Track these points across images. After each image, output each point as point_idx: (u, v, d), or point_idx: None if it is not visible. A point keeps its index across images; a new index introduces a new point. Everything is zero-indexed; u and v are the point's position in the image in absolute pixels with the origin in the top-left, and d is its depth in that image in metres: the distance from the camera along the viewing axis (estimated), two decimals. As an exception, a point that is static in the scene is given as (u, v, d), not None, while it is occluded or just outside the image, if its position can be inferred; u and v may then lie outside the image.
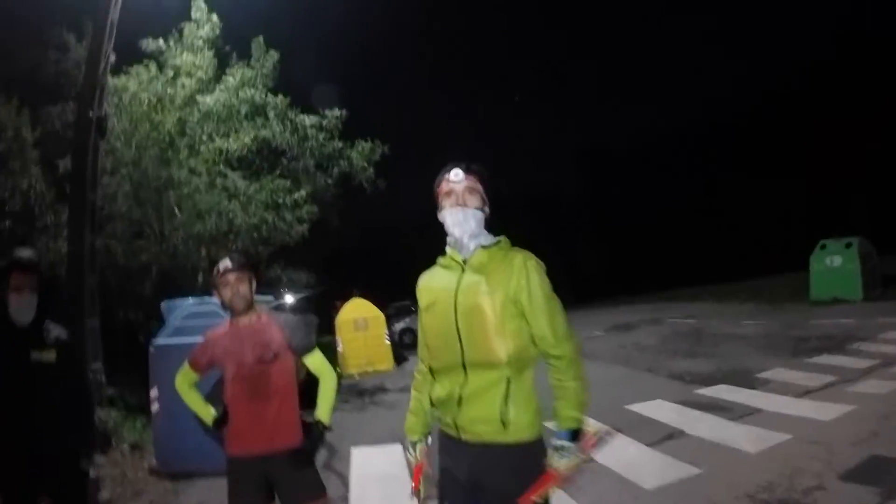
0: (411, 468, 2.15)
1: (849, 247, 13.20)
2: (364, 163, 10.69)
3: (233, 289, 2.63)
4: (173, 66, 9.50)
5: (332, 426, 2.85)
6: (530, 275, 1.88)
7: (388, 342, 12.95)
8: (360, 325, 12.91)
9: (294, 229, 10.06)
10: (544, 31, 68.18)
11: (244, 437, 2.60)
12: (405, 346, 15.96)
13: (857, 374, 6.56)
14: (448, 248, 2.03)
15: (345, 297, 14.27)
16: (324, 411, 2.71)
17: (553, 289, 1.92)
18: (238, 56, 10.33)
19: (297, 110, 10.58)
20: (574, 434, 1.81)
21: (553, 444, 1.83)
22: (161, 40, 9.58)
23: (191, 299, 6.00)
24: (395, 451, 5.42)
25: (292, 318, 2.85)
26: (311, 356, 2.78)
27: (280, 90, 10.54)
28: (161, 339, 5.40)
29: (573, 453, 1.79)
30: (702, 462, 4.36)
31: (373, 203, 11.65)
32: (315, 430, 2.68)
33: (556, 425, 1.85)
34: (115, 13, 7.11)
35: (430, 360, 2.05)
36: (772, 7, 41.84)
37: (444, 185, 1.98)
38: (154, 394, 5.37)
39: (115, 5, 7.07)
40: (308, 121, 10.52)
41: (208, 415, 2.76)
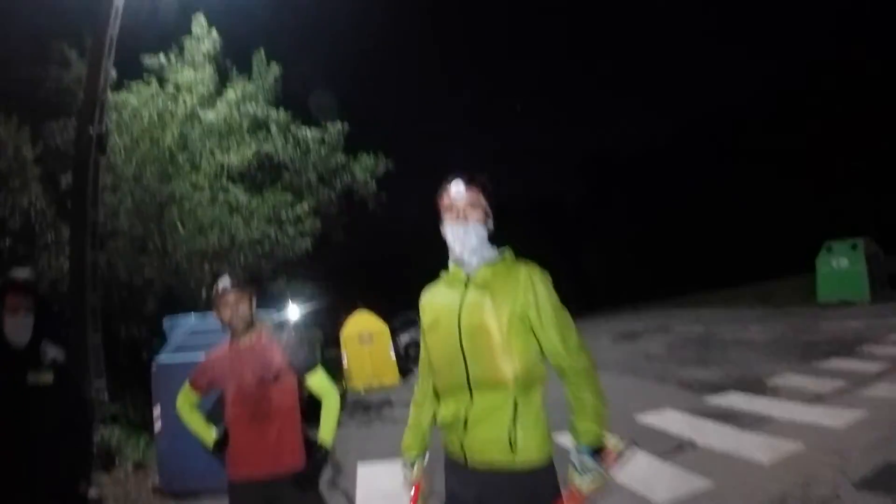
0: (409, 487, 2.08)
1: (855, 248, 13.10)
2: (367, 176, 10.70)
3: (232, 309, 2.56)
4: (174, 82, 9.54)
5: (335, 448, 2.79)
6: (536, 288, 1.80)
7: (393, 356, 12.84)
8: (365, 340, 12.80)
9: (297, 244, 10.04)
10: (546, 37, 68.58)
11: (245, 460, 2.54)
12: (411, 359, 15.84)
13: (869, 378, 6.46)
14: (451, 264, 1.96)
15: (349, 311, 14.20)
16: (326, 434, 2.64)
17: (560, 298, 1.85)
18: (238, 70, 10.39)
19: (299, 123, 10.62)
20: (595, 450, 1.72)
21: (573, 462, 1.74)
22: (162, 56, 9.64)
23: (193, 316, 5.96)
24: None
25: (293, 338, 2.78)
26: (313, 376, 2.71)
27: (281, 104, 10.59)
28: (163, 357, 5.34)
29: (595, 470, 1.71)
30: (714, 474, 4.27)
31: (376, 215, 11.61)
32: (317, 453, 2.61)
33: (574, 441, 1.76)
34: (114, 29, 7.16)
35: (434, 380, 1.98)
36: (773, 6, 41.78)
37: (444, 199, 1.91)
38: (157, 412, 5.30)
39: (114, 22, 7.11)
40: (310, 134, 10.54)
41: (209, 437, 2.71)
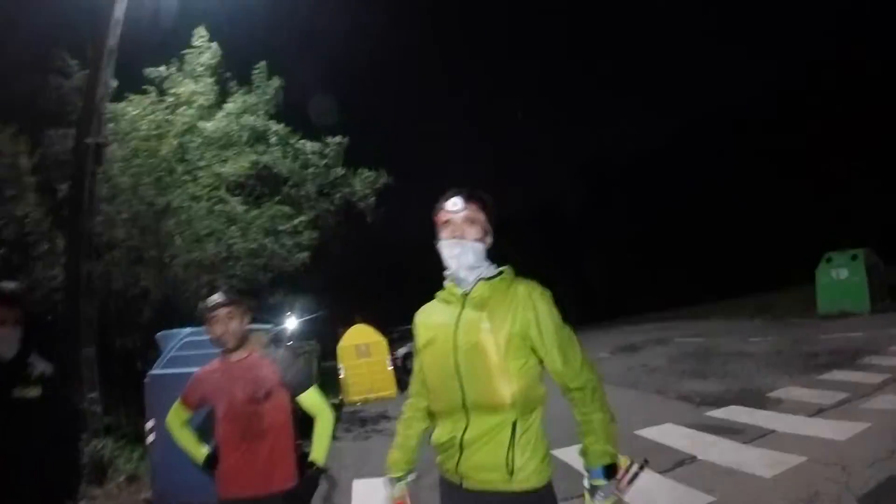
0: None
1: (854, 259, 13.05)
2: (367, 189, 10.67)
3: (223, 325, 2.50)
4: (174, 94, 9.54)
5: (329, 464, 2.73)
6: (537, 306, 1.74)
7: (390, 368, 12.76)
8: (363, 352, 12.73)
9: (294, 256, 9.99)
10: (545, 44, 69.00)
11: (236, 479, 2.48)
12: (408, 371, 15.73)
13: (870, 390, 6.39)
14: (447, 282, 1.89)
15: (347, 323, 14.15)
16: (319, 453, 2.57)
17: (559, 311, 1.80)
18: (239, 82, 10.41)
19: (299, 136, 10.61)
20: (608, 470, 1.67)
21: (587, 486, 1.70)
22: (163, 67, 9.64)
23: (187, 328, 5.90)
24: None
25: (286, 355, 2.72)
26: (307, 394, 2.65)
27: (281, 116, 10.60)
28: (157, 370, 5.29)
29: (611, 492, 1.66)
30: (716, 489, 4.20)
31: (375, 227, 11.57)
32: (310, 472, 2.54)
33: (587, 464, 1.70)
34: (113, 40, 7.16)
35: (429, 401, 1.92)
36: (773, 6, 41.88)
37: (442, 215, 1.85)
38: (150, 424, 5.25)
39: (113, 31, 7.12)
40: (309, 147, 10.54)
41: (200, 454, 2.67)
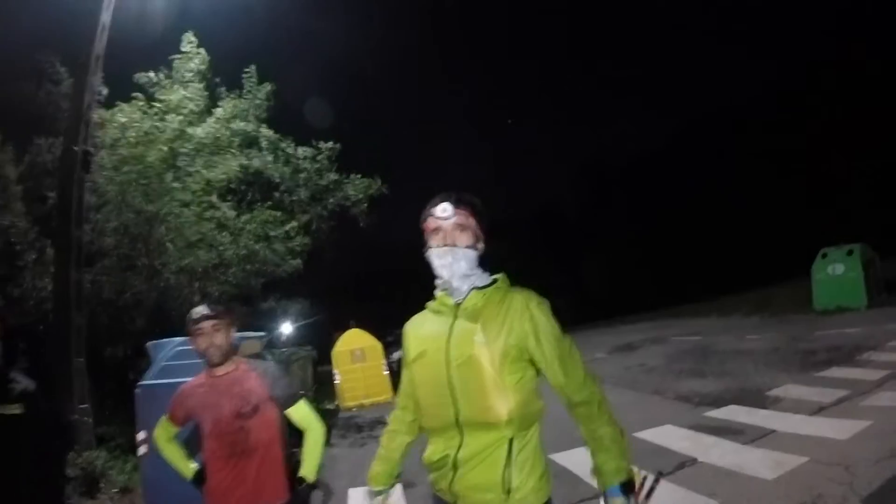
0: None
1: (850, 254, 12.99)
2: (360, 194, 10.61)
3: (208, 339, 2.42)
4: (163, 101, 9.45)
5: (322, 477, 2.66)
6: (535, 316, 1.66)
7: (386, 372, 12.67)
8: (358, 357, 12.63)
9: (287, 261, 9.90)
10: (545, 44, 69.19)
11: (224, 498, 2.40)
12: (403, 374, 15.68)
13: (870, 387, 6.33)
14: (438, 292, 1.79)
15: (342, 328, 14.07)
16: (309, 468, 2.49)
17: (555, 313, 1.71)
18: (231, 87, 10.35)
19: (290, 141, 10.54)
20: (625, 487, 1.58)
21: None
22: (152, 73, 9.56)
23: (178, 338, 5.81)
24: (395, 491, 5.15)
25: (273, 368, 2.64)
26: (296, 408, 2.57)
27: (273, 121, 10.53)
28: (147, 380, 5.19)
29: None
30: (718, 492, 4.14)
31: (371, 232, 11.50)
32: (301, 490, 2.46)
33: (602, 484, 1.62)
34: (100, 47, 7.10)
35: (420, 418, 1.84)
36: (773, 6, 41.92)
37: (430, 222, 1.75)
38: (141, 436, 5.14)
39: (100, 38, 7.06)
40: (301, 152, 10.48)
41: (188, 470, 2.60)
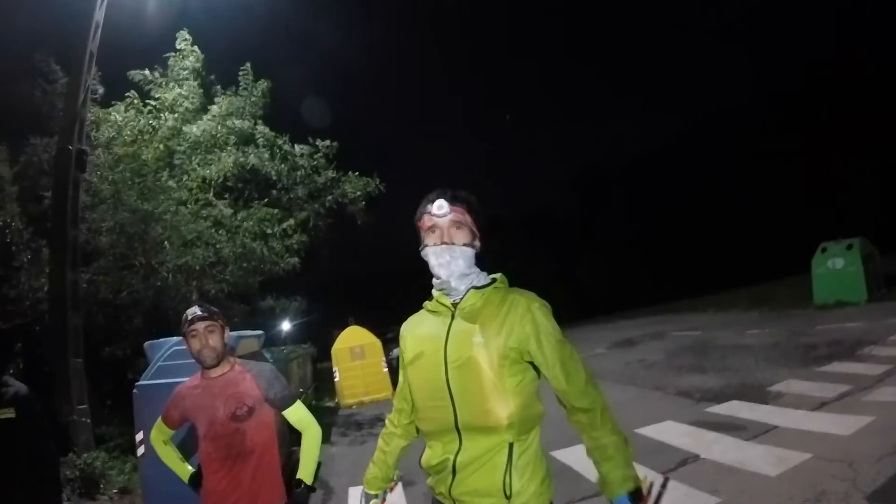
0: None
1: (850, 248, 12.96)
2: (357, 192, 10.56)
3: (201, 340, 2.38)
4: (159, 99, 9.39)
5: (316, 487, 2.62)
6: (537, 319, 1.61)
7: (385, 369, 12.64)
8: (357, 354, 12.63)
9: (284, 259, 9.85)
10: (544, 44, 69.15)
11: (221, 501, 2.37)
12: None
13: (872, 382, 6.31)
14: (435, 291, 1.74)
15: (341, 326, 14.04)
16: (307, 471, 2.45)
17: (554, 309, 1.67)
18: (226, 86, 10.29)
19: (286, 138, 10.48)
20: (633, 496, 1.55)
21: None
22: (147, 70, 9.50)
23: (175, 338, 5.77)
24: (396, 490, 5.13)
25: (268, 369, 2.60)
26: (292, 409, 2.53)
27: (271, 121, 10.48)
28: (144, 380, 5.15)
29: None
30: (721, 489, 4.10)
31: (369, 230, 11.46)
32: (299, 493, 2.42)
33: (608, 494, 1.59)
34: (94, 44, 7.04)
35: (417, 421, 1.79)
36: (773, 6, 41.96)
37: (425, 220, 1.69)
38: (139, 437, 5.12)
39: (94, 36, 6.99)
40: (299, 150, 10.43)
41: (185, 472, 2.58)
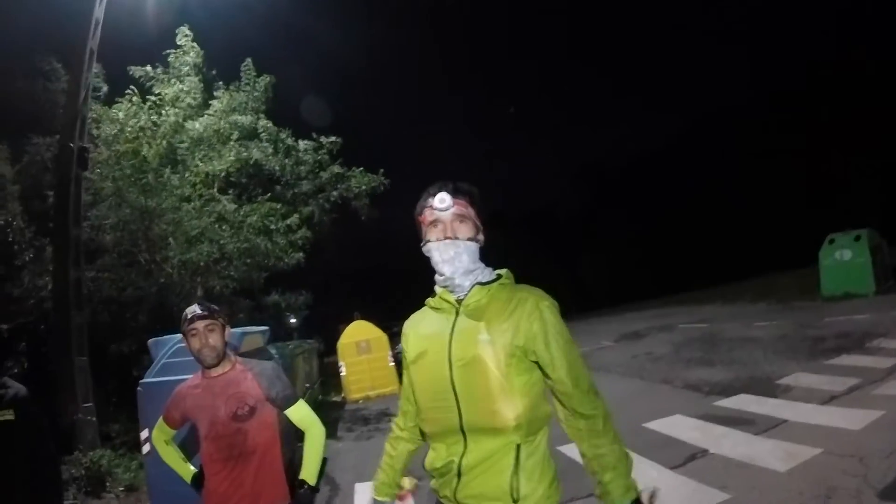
0: None
1: (858, 240, 12.82)
2: (362, 186, 10.54)
3: (201, 339, 2.35)
4: (157, 94, 9.36)
5: (321, 485, 2.58)
6: (545, 318, 1.54)
7: (392, 363, 12.65)
8: (363, 349, 12.64)
9: (288, 255, 9.85)
10: (545, 44, 68.88)
11: (223, 502, 2.33)
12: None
13: (881, 375, 6.22)
14: (438, 288, 1.68)
15: (347, 321, 14.06)
16: (310, 471, 2.41)
17: (560, 306, 1.61)
18: (227, 81, 10.30)
19: (289, 132, 10.48)
20: None
21: None
22: (148, 67, 9.49)
23: (179, 335, 5.75)
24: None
25: (270, 368, 2.55)
26: (295, 409, 2.49)
27: (272, 116, 10.47)
28: (149, 378, 5.13)
29: None
30: (730, 485, 4.04)
31: (373, 226, 11.44)
32: (302, 493, 2.38)
33: (608, 503, 1.55)
34: (94, 42, 7.00)
35: (421, 423, 1.72)
36: (773, 6, 41.53)
37: (427, 214, 1.63)
38: (144, 434, 5.10)
39: (93, 35, 6.95)
40: (302, 144, 10.42)
41: (187, 473, 2.55)
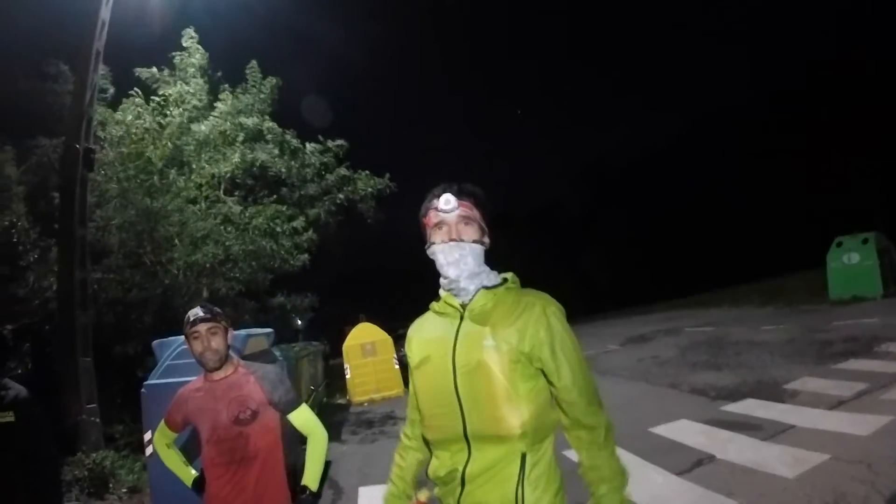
0: None
1: (865, 242, 12.74)
2: (368, 188, 10.54)
3: (204, 342, 2.33)
4: (162, 95, 9.40)
5: (322, 491, 2.56)
6: (553, 324, 1.51)
7: (397, 366, 12.63)
8: (368, 351, 12.63)
9: (294, 257, 9.85)
10: (545, 44, 68.84)
11: None
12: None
13: (890, 380, 6.15)
14: (442, 292, 1.65)
15: (352, 323, 14.08)
16: (312, 477, 2.39)
17: (566, 309, 1.58)
18: (233, 83, 10.33)
19: (294, 134, 10.50)
20: None
21: None
22: (154, 69, 9.53)
23: (183, 336, 5.74)
24: None
25: (273, 371, 2.53)
26: (297, 413, 2.47)
27: (275, 118, 10.49)
28: (152, 380, 5.12)
29: None
30: (737, 491, 4.00)
31: (379, 229, 11.44)
32: (303, 499, 2.36)
33: None
34: (100, 43, 7.01)
35: (424, 430, 1.68)
36: (773, 6, 41.30)
37: (432, 216, 1.60)
38: (148, 436, 5.09)
39: (99, 36, 6.97)
40: (309, 147, 10.45)
41: (188, 476, 2.53)
